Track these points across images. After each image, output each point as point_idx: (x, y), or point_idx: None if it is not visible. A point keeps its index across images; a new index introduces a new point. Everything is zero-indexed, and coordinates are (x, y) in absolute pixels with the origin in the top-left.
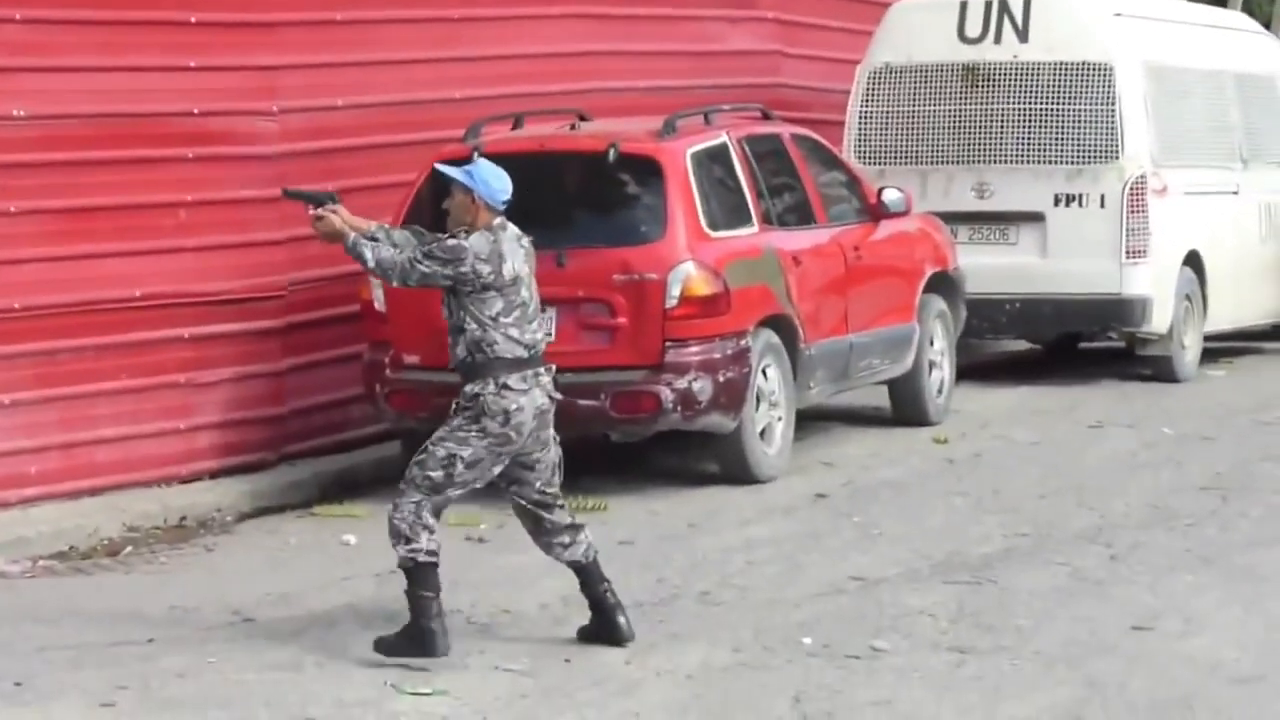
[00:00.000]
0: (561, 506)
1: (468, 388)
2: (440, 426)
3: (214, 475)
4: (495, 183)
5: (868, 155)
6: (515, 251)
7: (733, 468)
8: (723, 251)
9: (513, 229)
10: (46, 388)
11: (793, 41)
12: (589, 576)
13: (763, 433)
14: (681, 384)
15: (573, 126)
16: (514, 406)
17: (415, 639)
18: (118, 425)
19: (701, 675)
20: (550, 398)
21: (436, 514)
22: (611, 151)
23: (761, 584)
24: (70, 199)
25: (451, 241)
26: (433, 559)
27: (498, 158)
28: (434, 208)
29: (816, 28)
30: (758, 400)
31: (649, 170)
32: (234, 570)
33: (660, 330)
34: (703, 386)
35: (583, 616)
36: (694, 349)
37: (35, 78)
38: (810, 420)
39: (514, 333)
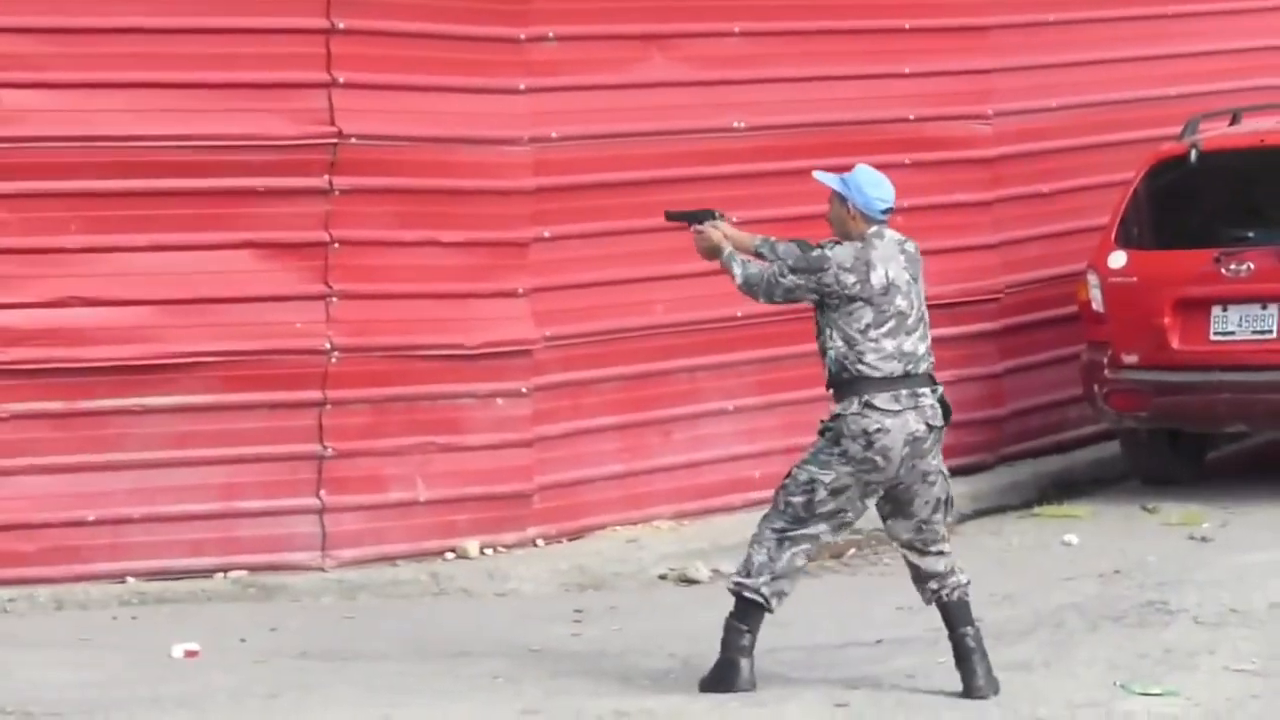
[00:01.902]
0: (940, 552)
1: (834, 408)
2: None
3: None
4: (872, 190)
5: None
6: (891, 258)
7: None
8: None
9: (893, 235)
10: (767, 394)
11: None
12: (950, 616)
13: None
14: None
15: None
16: (875, 428)
17: (718, 669)
18: None
19: None
20: (929, 425)
21: (809, 556)
22: None
23: None
24: (788, 208)
25: (815, 252)
26: (758, 599)
27: (1217, 154)
28: (1151, 207)
29: None
30: None
31: None
32: None
33: None
34: None
35: None
36: None
37: (753, 89)
38: None
39: (887, 345)
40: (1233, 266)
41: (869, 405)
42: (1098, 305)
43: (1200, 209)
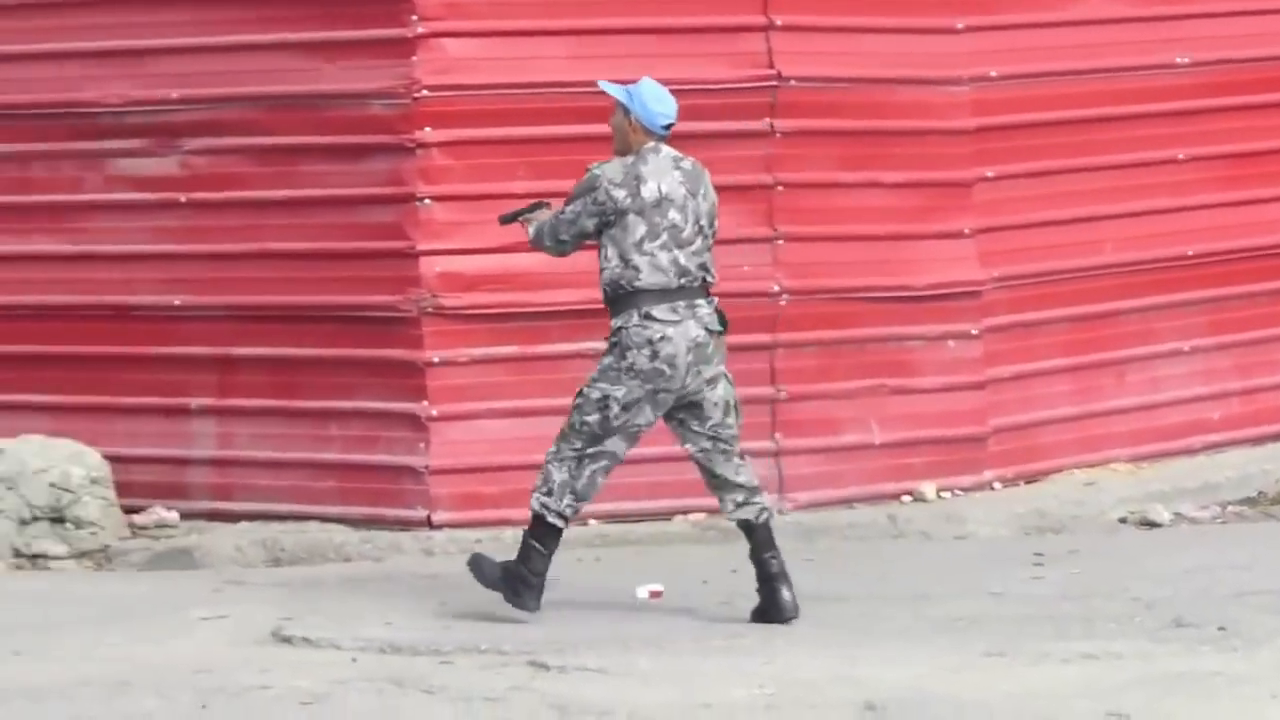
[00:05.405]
0: (742, 458)
1: (612, 323)
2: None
3: None
4: (655, 104)
5: None
6: (665, 173)
7: None
8: None
9: (669, 151)
10: (1221, 334)
11: None
12: (756, 541)
13: None
14: None
15: None
16: (659, 336)
17: (511, 580)
18: None
19: None
20: (708, 330)
21: (607, 472)
22: None
23: None
24: (1237, 144)
25: (586, 176)
26: (561, 523)
27: None
28: None
29: None
30: None
31: None
32: None
33: None
34: None
35: None
36: None
37: (1196, 24)
38: None
39: (663, 258)
40: None
41: (649, 316)
42: None
43: None
